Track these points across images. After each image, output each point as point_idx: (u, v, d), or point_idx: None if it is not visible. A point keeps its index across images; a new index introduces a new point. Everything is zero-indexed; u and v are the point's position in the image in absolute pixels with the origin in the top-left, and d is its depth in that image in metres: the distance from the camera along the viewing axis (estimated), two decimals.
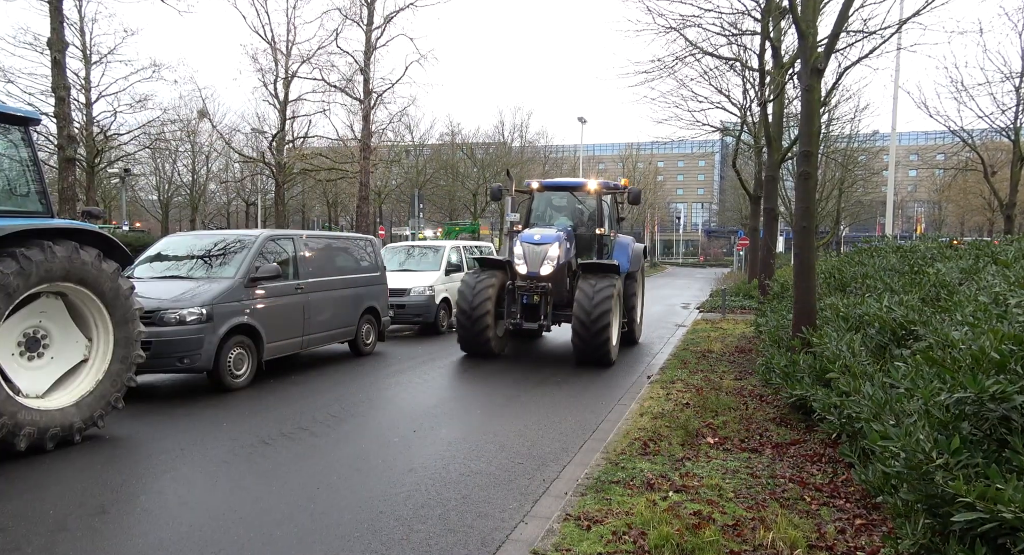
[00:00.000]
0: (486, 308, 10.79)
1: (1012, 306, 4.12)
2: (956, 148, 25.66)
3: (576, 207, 12.77)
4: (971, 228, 53.49)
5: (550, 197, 13.00)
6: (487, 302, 10.82)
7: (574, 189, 12.67)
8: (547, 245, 10.91)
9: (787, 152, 16.38)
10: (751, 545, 4.00)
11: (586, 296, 10.21)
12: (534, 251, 10.93)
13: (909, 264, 8.40)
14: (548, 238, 10.97)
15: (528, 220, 12.76)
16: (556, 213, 12.88)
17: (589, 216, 12.56)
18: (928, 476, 3.27)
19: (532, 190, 12.77)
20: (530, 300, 10.92)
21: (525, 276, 10.94)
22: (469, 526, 4.49)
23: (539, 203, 13.01)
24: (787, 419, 6.95)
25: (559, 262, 10.90)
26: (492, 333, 10.95)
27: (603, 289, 10.24)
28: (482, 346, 11.03)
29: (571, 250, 11.41)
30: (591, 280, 10.55)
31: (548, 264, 10.84)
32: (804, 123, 8.31)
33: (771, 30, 14.57)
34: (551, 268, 10.84)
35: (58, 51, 15.69)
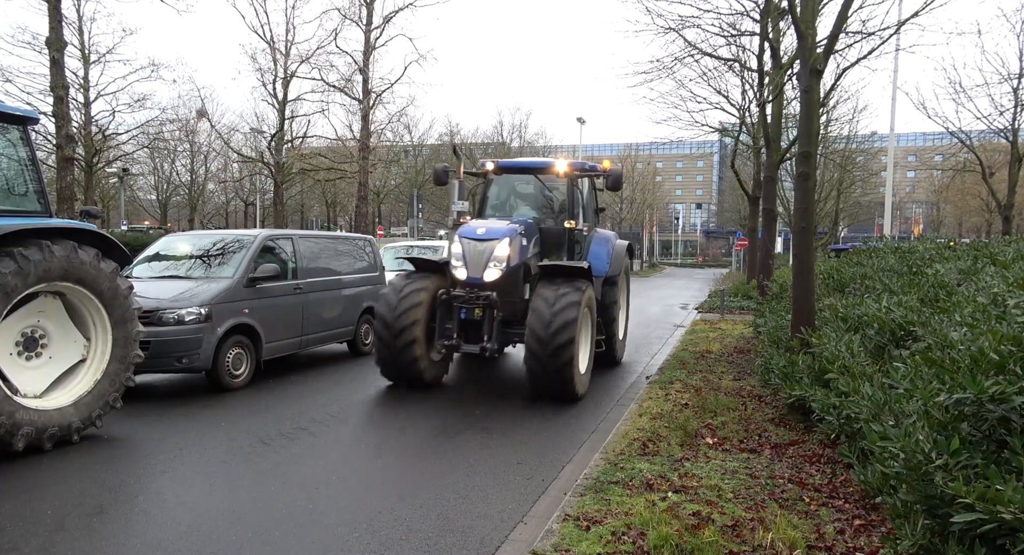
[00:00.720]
0: (414, 320, 8.27)
1: (1011, 307, 4.12)
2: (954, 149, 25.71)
3: (544, 195, 10.26)
4: (969, 229, 53.58)
5: (512, 183, 10.48)
6: (416, 312, 8.30)
7: (539, 171, 10.00)
8: (493, 242, 8.38)
9: (786, 153, 16.39)
10: (750, 545, 4.00)
11: (543, 307, 7.77)
12: (476, 250, 8.40)
13: (908, 265, 8.40)
14: (495, 232, 8.50)
15: (483, 210, 10.31)
16: (519, 202, 10.39)
17: (561, 206, 10.01)
18: (927, 477, 3.27)
19: (487, 172, 10.21)
20: (470, 315, 8.33)
21: (465, 282, 8.40)
22: (468, 526, 4.49)
23: (498, 189, 10.49)
24: (786, 420, 6.95)
25: (510, 264, 8.41)
26: (422, 354, 8.40)
27: (566, 298, 7.82)
28: (408, 371, 8.43)
29: (530, 248, 8.99)
30: (552, 286, 8.10)
31: (494, 267, 8.33)
32: (803, 124, 8.32)
33: (770, 31, 14.58)
34: (498, 272, 8.31)
35: (56, 50, 15.67)
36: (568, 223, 9.49)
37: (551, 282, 8.22)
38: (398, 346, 8.27)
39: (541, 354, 7.61)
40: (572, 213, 9.58)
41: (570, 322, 7.61)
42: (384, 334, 8.35)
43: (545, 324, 7.62)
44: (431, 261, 9.10)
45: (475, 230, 8.58)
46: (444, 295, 8.43)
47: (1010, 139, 20.53)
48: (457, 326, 8.39)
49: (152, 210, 50.54)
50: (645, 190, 57.97)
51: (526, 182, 10.39)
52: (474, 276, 8.35)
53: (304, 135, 32.98)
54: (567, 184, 9.71)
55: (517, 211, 10.15)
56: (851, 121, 26.68)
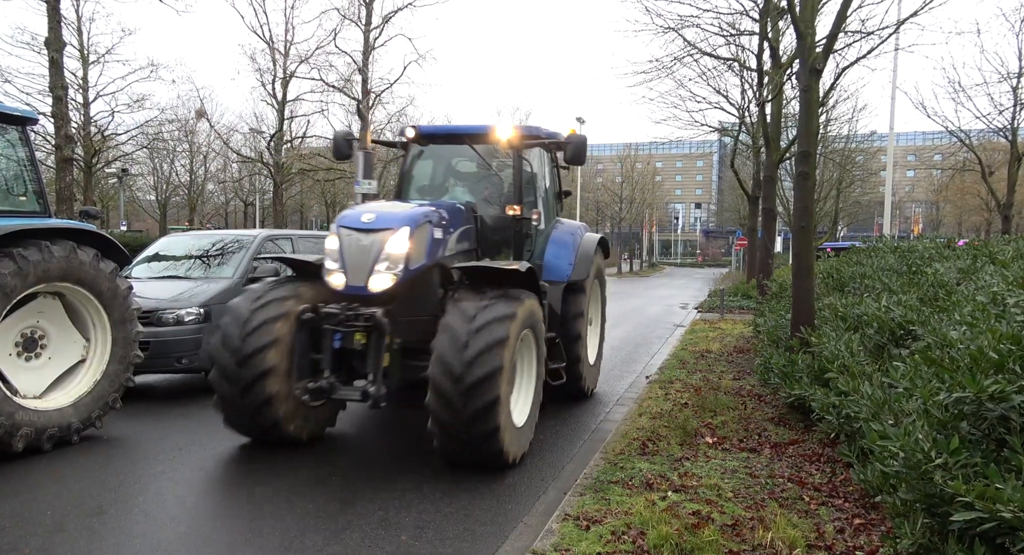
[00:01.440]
0: (268, 343, 5.63)
1: (1010, 306, 4.12)
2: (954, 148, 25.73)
3: (488, 175, 7.66)
4: (969, 228, 53.60)
5: (447, 158, 7.88)
6: (273, 330, 5.68)
7: (474, 138, 7.32)
8: (385, 233, 5.73)
9: (785, 152, 16.39)
10: (750, 545, 4.00)
11: (458, 324, 5.28)
12: (358, 246, 5.75)
13: (907, 264, 8.40)
14: (389, 219, 5.83)
15: (404, 193, 7.70)
16: (457, 183, 7.83)
17: (510, 189, 7.43)
18: (927, 475, 3.27)
19: (408, 141, 7.56)
20: (347, 342, 5.64)
21: (342, 294, 5.79)
22: (469, 526, 4.49)
23: (426, 166, 7.96)
24: (786, 419, 6.95)
25: (410, 266, 5.76)
26: (282, 394, 5.69)
27: (492, 311, 5.35)
28: (259, 420, 5.78)
29: (449, 244, 6.35)
30: (475, 297, 5.58)
31: (386, 271, 5.68)
32: (802, 123, 8.32)
33: (769, 30, 14.58)
34: (391, 278, 5.67)
35: (55, 51, 15.66)
36: (510, 209, 6.99)
37: (475, 291, 5.68)
38: (243, 382, 5.53)
39: (452, 394, 5.03)
40: (518, 196, 7.15)
41: (495, 345, 5.09)
42: (225, 363, 5.60)
43: (458, 349, 5.07)
44: (309, 262, 6.36)
45: (359, 217, 5.85)
46: (309, 314, 5.71)
47: (1009, 138, 20.54)
48: (330, 359, 5.67)
49: (152, 211, 50.52)
50: (645, 190, 57.92)
51: (466, 157, 7.76)
52: (355, 284, 5.66)
53: (304, 135, 32.96)
54: (514, 159, 7.23)
55: (451, 194, 7.64)
56: (851, 120, 26.72)
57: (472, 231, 6.90)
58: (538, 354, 6.13)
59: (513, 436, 5.46)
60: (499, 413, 5.12)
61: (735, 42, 17.64)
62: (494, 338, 5.16)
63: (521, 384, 5.93)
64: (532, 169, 7.63)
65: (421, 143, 7.64)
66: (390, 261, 5.70)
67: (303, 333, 5.77)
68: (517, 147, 7.24)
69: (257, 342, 5.60)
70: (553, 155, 8.26)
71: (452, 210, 6.62)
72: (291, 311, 5.77)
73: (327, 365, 5.71)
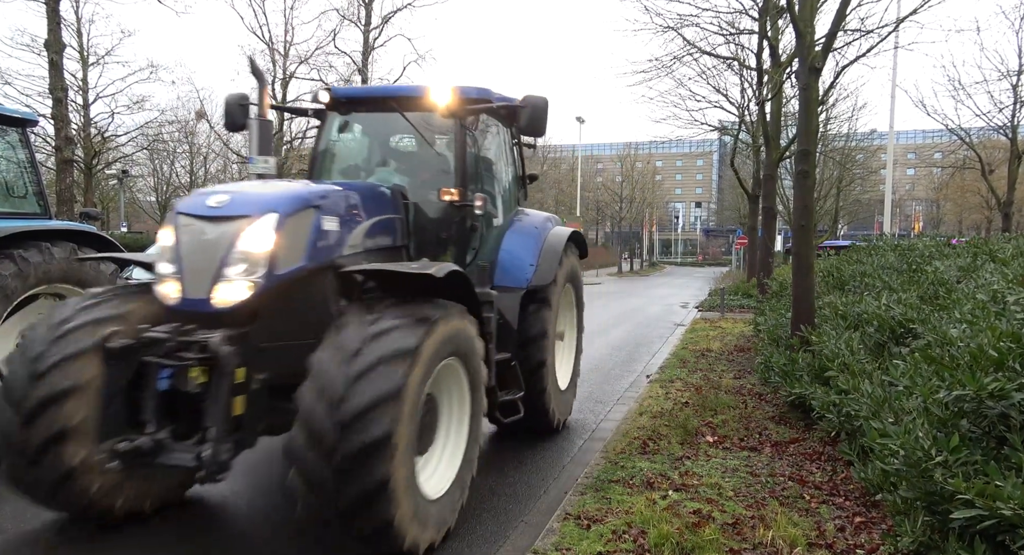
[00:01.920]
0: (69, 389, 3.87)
1: (1010, 304, 4.12)
2: (954, 146, 25.74)
3: (431, 153, 5.91)
4: (969, 226, 53.58)
5: (380, 131, 6.22)
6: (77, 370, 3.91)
7: (405, 104, 5.65)
8: (240, 222, 4.07)
9: (785, 151, 16.40)
10: (751, 543, 4.00)
11: (326, 375, 3.61)
12: (200, 241, 4.11)
13: (907, 262, 8.41)
14: (248, 202, 4.19)
15: (316, 173, 6.03)
16: (392, 162, 6.11)
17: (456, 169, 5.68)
18: (927, 474, 3.27)
19: (326, 108, 5.96)
20: (178, 382, 3.92)
21: (176, 311, 4.09)
22: (469, 526, 4.49)
23: (349, 142, 6.32)
24: (786, 417, 6.95)
25: (276, 270, 4.08)
26: (92, 468, 3.92)
27: (383, 344, 3.69)
28: (68, 504, 4.09)
29: (354, 239, 4.70)
30: (364, 317, 3.92)
31: (236, 277, 4.00)
32: (802, 122, 8.33)
33: (768, 29, 14.58)
34: (247, 288, 4.00)
35: (55, 52, 15.67)
36: (444, 193, 5.34)
37: (368, 308, 4.00)
38: (31, 448, 3.84)
39: (320, 474, 3.51)
40: (461, 178, 5.51)
41: (384, 402, 3.50)
42: (4, 422, 3.88)
43: (329, 406, 3.50)
44: None
45: (205, 200, 4.18)
46: (123, 340, 3.95)
47: (1009, 136, 20.54)
48: (154, 406, 3.94)
49: (152, 212, 50.53)
50: (645, 189, 57.94)
51: (404, 130, 5.98)
52: (194, 296, 3.99)
53: (303, 135, 32.96)
54: (456, 130, 5.59)
55: (378, 175, 5.93)
56: (850, 119, 26.75)
57: (398, 223, 5.16)
58: (472, 391, 4.45)
59: (423, 517, 3.82)
60: (390, 499, 3.51)
61: (734, 41, 17.67)
62: (381, 391, 3.46)
63: (441, 438, 4.36)
64: (481, 144, 5.99)
65: (341, 111, 5.97)
66: (246, 263, 3.91)
67: (116, 369, 3.93)
68: (459, 115, 5.55)
69: (50, 389, 3.79)
70: (515, 131, 6.59)
71: (368, 194, 4.96)
72: (90, 361, 3.90)
73: (151, 415, 3.90)
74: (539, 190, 51.74)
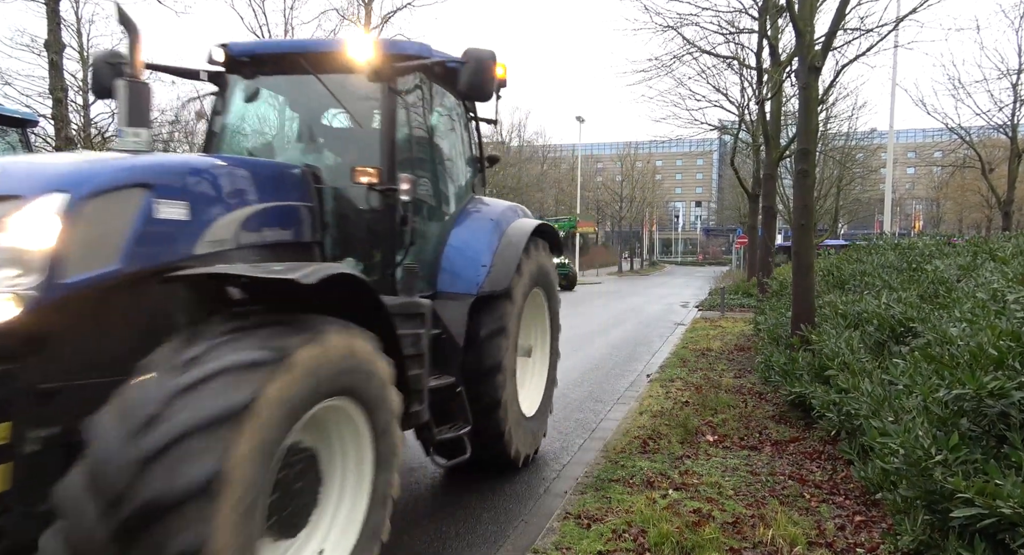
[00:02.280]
0: None
1: (1010, 303, 4.13)
2: (954, 145, 25.72)
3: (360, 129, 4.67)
4: (969, 225, 53.59)
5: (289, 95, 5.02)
6: None
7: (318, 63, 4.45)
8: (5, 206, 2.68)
9: (785, 150, 16.40)
10: (751, 542, 4.01)
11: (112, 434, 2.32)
12: None
13: (907, 261, 8.41)
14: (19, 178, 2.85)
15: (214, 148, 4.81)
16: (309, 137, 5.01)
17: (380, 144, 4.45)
18: (927, 472, 3.28)
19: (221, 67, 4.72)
20: None
21: None
22: (469, 525, 4.49)
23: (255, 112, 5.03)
24: (786, 417, 6.96)
25: (67, 278, 2.71)
26: None
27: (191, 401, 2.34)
28: None
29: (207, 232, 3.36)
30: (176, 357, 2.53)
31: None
32: (802, 121, 8.33)
33: (768, 28, 14.58)
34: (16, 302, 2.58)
35: (55, 53, 15.67)
36: (361, 175, 4.13)
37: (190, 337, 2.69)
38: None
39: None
40: (387, 156, 4.33)
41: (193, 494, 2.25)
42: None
43: (108, 504, 2.25)
44: None
45: None
46: None
47: (1009, 135, 20.53)
48: None
49: None
50: (645, 188, 57.98)
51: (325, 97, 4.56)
52: None
53: None
54: (382, 94, 4.39)
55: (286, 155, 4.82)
56: (850, 118, 26.68)
57: (304, 212, 3.98)
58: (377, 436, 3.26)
59: None
60: None
61: (734, 40, 17.67)
62: (189, 482, 2.26)
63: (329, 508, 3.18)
64: (419, 115, 4.73)
65: (244, 73, 4.70)
66: (13, 266, 2.66)
67: None
68: (386, 75, 4.30)
69: None
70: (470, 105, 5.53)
71: (262, 173, 3.82)
72: None
73: None
74: (539, 190, 51.84)
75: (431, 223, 4.93)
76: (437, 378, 4.44)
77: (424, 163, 4.87)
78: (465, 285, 4.89)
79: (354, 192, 4.33)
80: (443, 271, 4.92)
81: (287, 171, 4.08)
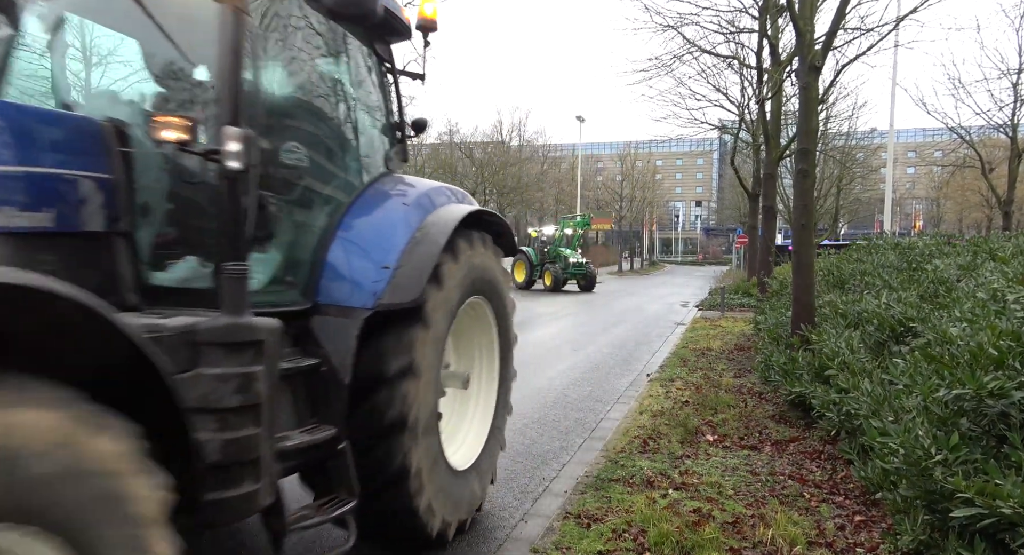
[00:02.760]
0: None
1: (1010, 302, 4.12)
2: (954, 145, 25.68)
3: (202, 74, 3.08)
4: (969, 225, 53.60)
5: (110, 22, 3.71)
6: None
7: None
8: None
9: (785, 150, 16.39)
10: (751, 542, 4.01)
11: None
12: None
13: (907, 261, 8.41)
14: None
15: None
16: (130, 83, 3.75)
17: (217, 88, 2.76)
18: (927, 472, 3.28)
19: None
20: None
21: None
22: (468, 525, 4.49)
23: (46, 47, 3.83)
24: (786, 416, 6.96)
25: None
26: None
27: None
28: None
29: None
30: None
31: None
32: (802, 121, 8.33)
33: (768, 28, 14.57)
34: None
35: None
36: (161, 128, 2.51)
37: None
38: None
39: None
40: (230, 108, 2.60)
41: None
42: None
43: None
44: None
45: None
46: None
47: (1009, 134, 20.51)
48: None
49: None
50: (645, 188, 57.98)
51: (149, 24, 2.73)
52: None
53: None
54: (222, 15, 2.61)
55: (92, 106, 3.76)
56: (850, 117, 26.66)
57: (89, 188, 2.72)
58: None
59: None
60: None
61: (734, 40, 17.65)
62: None
63: None
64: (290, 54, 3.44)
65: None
66: None
67: None
68: None
69: None
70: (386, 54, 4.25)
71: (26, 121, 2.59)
72: None
73: None
74: (539, 189, 51.86)
75: (313, 208, 3.52)
76: (308, 431, 3.11)
77: (302, 125, 3.48)
78: (357, 295, 3.40)
79: (193, 162, 2.84)
80: (327, 275, 3.43)
81: (74, 125, 2.74)
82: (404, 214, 3.75)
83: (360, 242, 3.57)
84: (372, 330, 3.39)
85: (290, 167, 3.30)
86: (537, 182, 51.36)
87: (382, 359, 3.39)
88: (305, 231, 3.48)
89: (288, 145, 3.30)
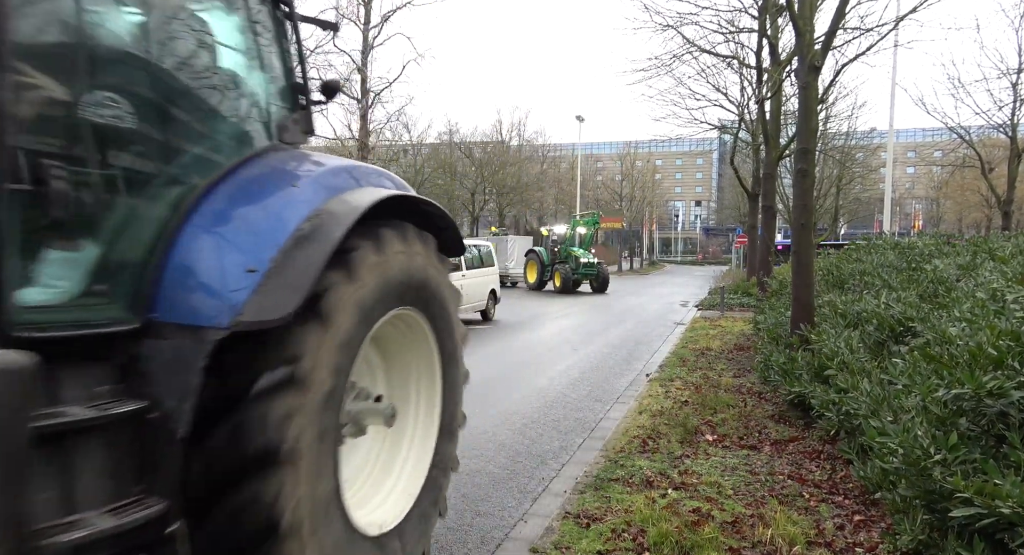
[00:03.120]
0: None
1: (1009, 302, 4.13)
2: (953, 145, 25.68)
3: None
4: (969, 225, 53.61)
5: None
6: None
7: None
8: None
9: (785, 149, 16.39)
10: (750, 542, 4.01)
11: None
12: None
13: (907, 261, 8.42)
14: None
15: None
16: None
17: None
18: (926, 472, 3.28)
19: None
20: None
21: None
22: (468, 524, 4.49)
23: None
24: (786, 416, 6.96)
25: None
26: None
27: None
28: None
29: None
30: None
31: None
32: (802, 120, 8.33)
33: (768, 27, 14.57)
34: None
35: None
36: None
37: None
38: None
39: None
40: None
41: None
42: None
43: None
44: None
45: None
46: None
47: (1009, 134, 20.50)
48: None
49: None
50: (645, 188, 57.98)
51: None
52: None
53: None
54: None
55: None
56: (850, 117, 26.66)
57: None
58: None
59: None
60: None
61: (734, 39, 17.66)
62: None
63: None
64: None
65: None
66: None
67: None
68: None
69: None
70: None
71: None
72: None
73: None
74: (539, 189, 51.85)
75: (147, 188, 2.48)
76: (118, 510, 2.13)
77: (126, 71, 2.43)
78: (205, 310, 2.38)
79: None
80: (168, 282, 2.44)
81: None
82: (291, 198, 2.70)
83: (222, 236, 2.54)
84: (227, 353, 2.34)
85: (103, 127, 2.26)
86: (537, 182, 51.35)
87: (246, 375, 2.35)
88: (133, 220, 2.41)
89: (98, 95, 2.27)
